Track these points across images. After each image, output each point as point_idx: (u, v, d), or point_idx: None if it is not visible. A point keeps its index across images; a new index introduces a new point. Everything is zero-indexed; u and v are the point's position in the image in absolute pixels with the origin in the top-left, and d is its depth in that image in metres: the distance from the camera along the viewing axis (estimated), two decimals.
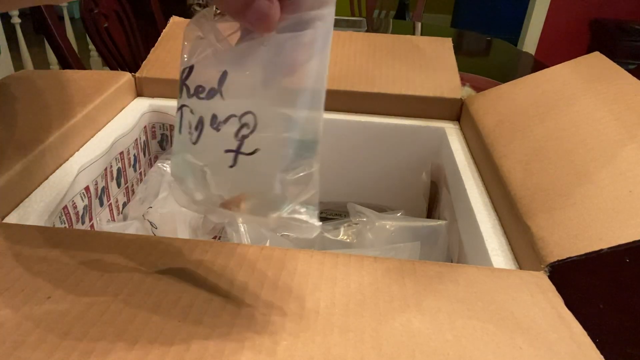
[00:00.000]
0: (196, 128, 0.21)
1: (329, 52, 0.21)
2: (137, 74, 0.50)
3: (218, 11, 0.23)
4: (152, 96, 0.51)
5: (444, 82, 0.50)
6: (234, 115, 0.21)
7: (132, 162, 0.48)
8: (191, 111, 0.22)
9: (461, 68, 0.52)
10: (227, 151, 0.21)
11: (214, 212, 0.22)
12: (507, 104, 0.43)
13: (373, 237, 0.42)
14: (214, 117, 0.21)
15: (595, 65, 0.41)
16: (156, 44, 0.54)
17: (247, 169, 0.21)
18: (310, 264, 0.26)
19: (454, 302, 0.24)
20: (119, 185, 0.45)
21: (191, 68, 0.22)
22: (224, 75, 0.21)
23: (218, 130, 0.21)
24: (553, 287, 0.25)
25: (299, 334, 0.21)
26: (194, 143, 0.22)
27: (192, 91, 0.22)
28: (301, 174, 0.21)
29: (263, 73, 0.21)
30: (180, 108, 0.22)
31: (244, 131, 0.20)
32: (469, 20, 3.20)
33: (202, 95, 0.21)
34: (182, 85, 0.22)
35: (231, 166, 0.21)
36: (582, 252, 0.26)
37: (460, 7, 3.26)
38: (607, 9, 2.69)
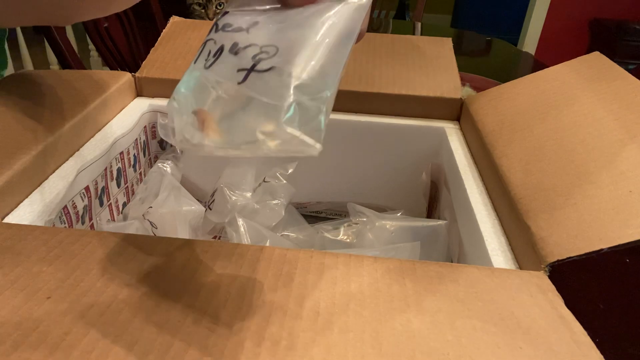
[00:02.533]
0: (214, 55, 0.22)
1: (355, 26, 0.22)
2: (137, 74, 0.50)
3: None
4: (152, 96, 0.51)
5: (444, 82, 0.50)
6: (256, 45, 0.21)
7: (132, 162, 0.48)
8: (214, 42, 0.22)
9: (461, 68, 0.52)
10: (240, 70, 0.20)
11: (194, 144, 0.21)
12: (507, 104, 0.43)
13: (373, 237, 0.42)
14: (235, 44, 0.21)
15: (595, 65, 0.41)
16: (156, 44, 0.54)
17: (257, 84, 0.20)
18: (310, 264, 0.26)
19: (454, 302, 0.24)
20: (119, 185, 0.45)
21: (225, 13, 0.23)
22: (254, 23, 0.22)
23: (236, 54, 0.21)
24: (553, 287, 0.25)
25: (299, 334, 0.21)
26: (207, 68, 0.22)
27: (219, 27, 0.23)
28: (313, 102, 0.20)
29: (291, 26, 0.22)
30: (205, 42, 0.23)
31: (263, 56, 0.21)
32: (469, 20, 3.20)
33: (228, 29, 0.22)
34: (213, 25, 0.23)
35: (240, 82, 0.20)
36: (582, 252, 0.26)
37: (460, 7, 3.26)
38: (607, 9, 2.69)
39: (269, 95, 0.20)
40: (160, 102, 0.50)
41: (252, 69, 0.20)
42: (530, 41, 2.74)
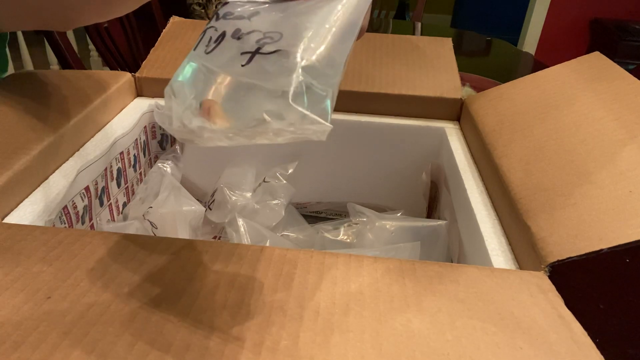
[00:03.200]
0: (216, 41, 0.21)
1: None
2: (137, 74, 0.50)
3: None
4: (152, 96, 0.51)
5: (444, 82, 0.50)
6: (259, 31, 0.21)
7: (132, 162, 0.48)
8: (215, 29, 0.22)
9: (461, 68, 0.52)
10: (244, 53, 0.20)
11: (194, 128, 0.20)
12: (507, 104, 0.43)
13: (373, 237, 0.42)
14: (238, 30, 0.21)
15: (595, 65, 0.41)
16: (156, 44, 0.54)
17: (263, 65, 0.20)
18: (310, 264, 0.26)
19: (454, 302, 0.24)
20: (119, 185, 0.46)
21: (225, 3, 0.23)
22: (255, 12, 0.22)
23: (239, 39, 0.21)
24: (553, 287, 0.25)
25: (299, 334, 0.21)
26: (207, 53, 0.21)
27: (220, 15, 0.22)
28: (320, 86, 0.19)
29: (294, 14, 0.22)
30: (205, 30, 0.22)
31: (267, 40, 0.20)
32: (469, 20, 3.20)
33: (229, 17, 0.22)
34: (213, 15, 0.23)
35: (244, 65, 0.20)
36: (582, 252, 0.26)
37: (460, 7, 3.26)
38: (607, 9, 2.69)
39: (276, 76, 0.19)
40: (161, 102, 0.50)
41: (256, 51, 0.20)
42: (530, 41, 2.74)
